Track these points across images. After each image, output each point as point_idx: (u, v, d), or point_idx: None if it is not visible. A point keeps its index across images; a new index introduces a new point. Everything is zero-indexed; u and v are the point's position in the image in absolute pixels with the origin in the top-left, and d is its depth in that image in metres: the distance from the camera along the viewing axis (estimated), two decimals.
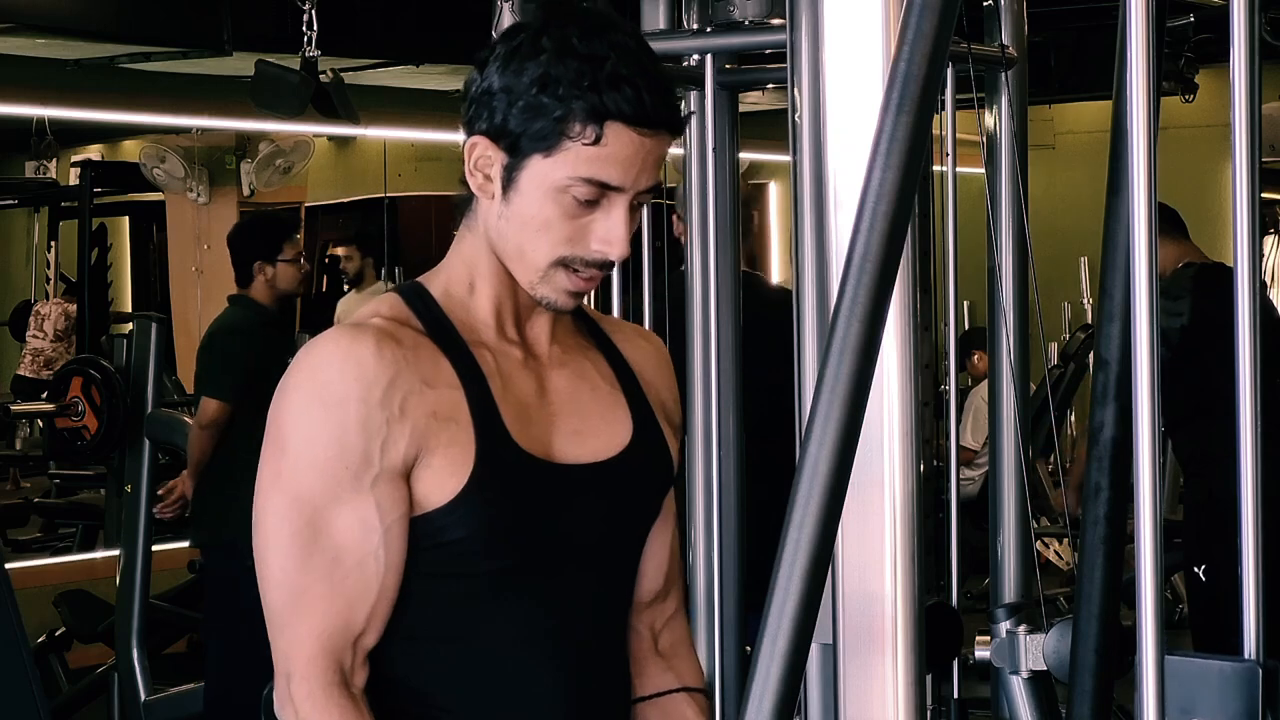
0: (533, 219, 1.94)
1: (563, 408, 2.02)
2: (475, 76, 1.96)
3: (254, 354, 5.55)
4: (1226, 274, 5.69)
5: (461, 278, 2.02)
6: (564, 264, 1.95)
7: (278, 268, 5.69)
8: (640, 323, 3.21)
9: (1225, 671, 1.49)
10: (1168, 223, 5.46)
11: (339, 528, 1.90)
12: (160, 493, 5.92)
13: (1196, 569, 5.18)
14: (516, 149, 1.93)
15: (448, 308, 2.00)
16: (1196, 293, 5.28)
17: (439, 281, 2.03)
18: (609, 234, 1.93)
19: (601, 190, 1.92)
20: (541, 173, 1.92)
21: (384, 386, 1.90)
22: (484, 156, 1.95)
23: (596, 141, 1.90)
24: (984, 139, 3.16)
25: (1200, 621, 5.26)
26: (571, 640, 2.01)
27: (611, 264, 1.97)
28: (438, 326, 1.99)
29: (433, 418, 1.92)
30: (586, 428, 2.03)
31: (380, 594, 1.92)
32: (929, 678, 2.06)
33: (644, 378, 2.11)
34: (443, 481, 1.92)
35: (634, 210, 1.95)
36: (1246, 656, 1.51)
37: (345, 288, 11.05)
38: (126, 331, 6.34)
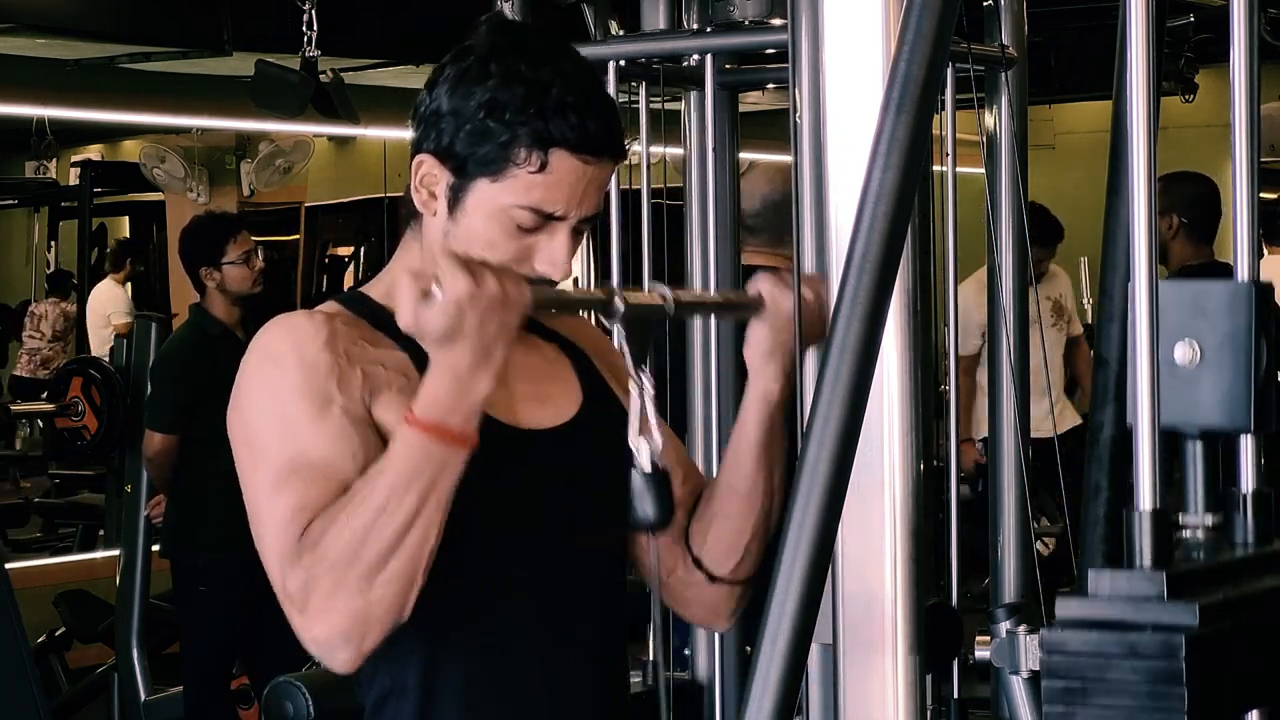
0: (477, 239, 1.97)
1: (517, 376, 2.04)
2: (424, 96, 2.02)
3: (202, 374, 5.48)
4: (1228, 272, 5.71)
5: None
6: None
7: (224, 271, 5.54)
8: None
9: (1218, 290, 1.50)
10: (1198, 222, 5.39)
11: (312, 449, 1.90)
12: (147, 512, 5.93)
13: None
14: (463, 171, 1.97)
15: (389, 305, 2.02)
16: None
17: (380, 287, 2.08)
18: (552, 257, 1.98)
19: (545, 217, 1.95)
20: (487, 196, 1.96)
21: (324, 337, 1.94)
22: (430, 174, 1.99)
23: (542, 169, 1.94)
24: (984, 139, 3.15)
25: None
26: (562, 601, 2.03)
27: (555, 284, 2.01)
28: (377, 315, 2.02)
29: (381, 366, 1.96)
30: (543, 392, 2.08)
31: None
32: (929, 678, 2.06)
33: (587, 347, 2.16)
34: None
35: (576, 234, 1.99)
36: (1239, 279, 1.53)
37: (346, 288, 11.06)
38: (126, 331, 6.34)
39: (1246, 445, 1.52)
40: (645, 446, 1.89)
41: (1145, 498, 1.37)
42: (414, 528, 1.83)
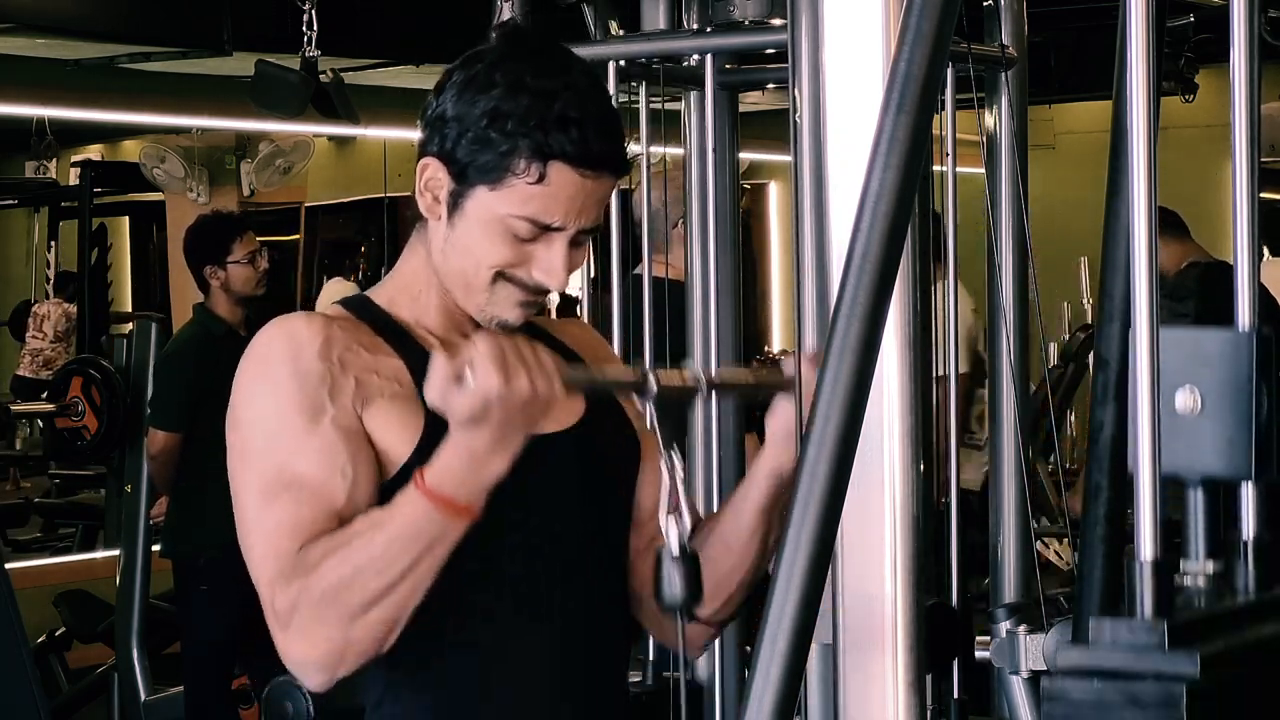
0: (474, 246, 1.99)
1: None
2: (432, 100, 2.02)
3: (206, 373, 5.48)
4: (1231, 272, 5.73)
5: (410, 288, 2.07)
6: (506, 277, 1.99)
7: (229, 270, 5.54)
8: (608, 324, 3.24)
9: (1219, 338, 1.50)
10: (1169, 223, 5.49)
11: (302, 464, 1.92)
12: (153, 513, 5.94)
13: None
14: (464, 177, 1.97)
15: (393, 312, 2.04)
16: (1201, 293, 5.31)
17: (385, 293, 2.09)
18: (549, 265, 1.98)
19: (542, 228, 1.95)
20: (486, 204, 1.96)
21: (319, 344, 1.94)
22: (434, 178, 2.01)
23: (540, 180, 1.94)
24: (984, 139, 3.15)
25: None
26: (556, 604, 2.03)
27: (549, 291, 2.01)
28: (379, 321, 2.03)
29: (375, 374, 1.96)
30: None
31: (349, 501, 1.91)
32: (929, 678, 2.06)
33: (586, 355, 2.16)
34: (397, 437, 1.94)
35: (576, 245, 1.99)
36: (1240, 327, 1.53)
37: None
38: (126, 331, 6.34)
39: (1247, 493, 1.52)
40: (674, 528, 1.85)
41: (1146, 547, 1.37)
42: (403, 583, 1.86)
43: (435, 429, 1.91)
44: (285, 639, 1.89)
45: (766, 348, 11.89)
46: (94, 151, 11.43)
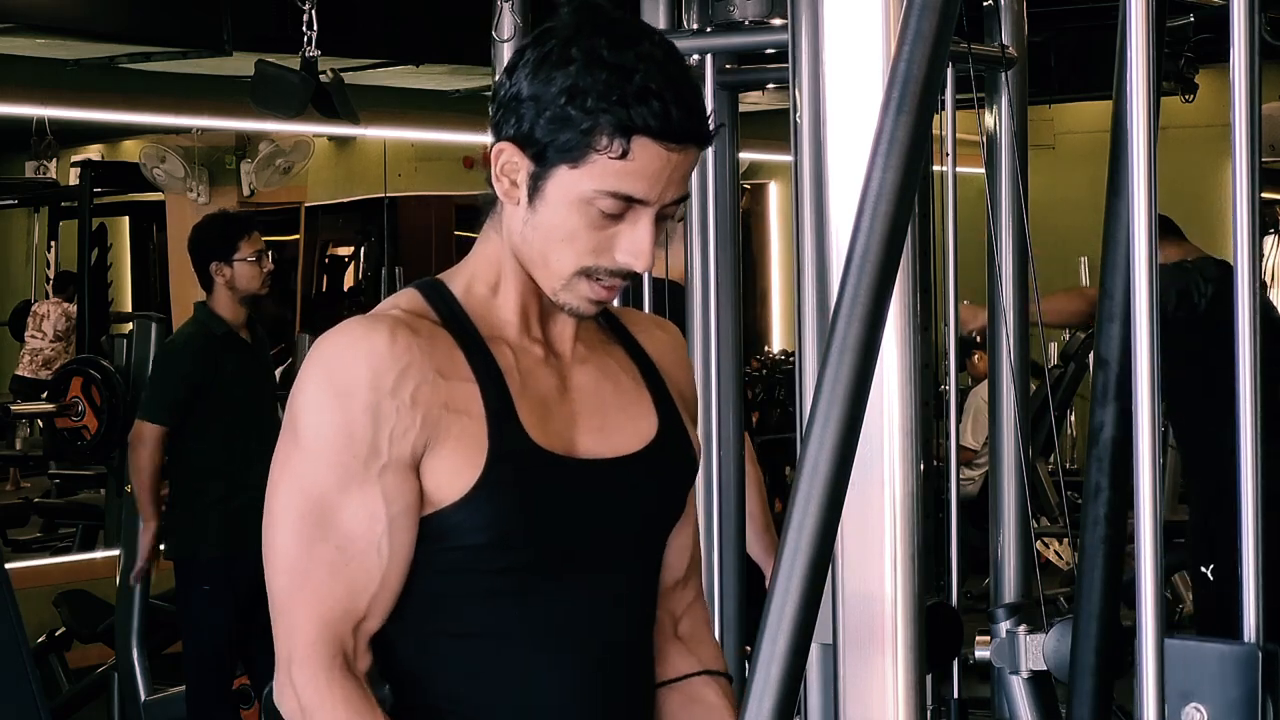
0: (558, 228, 1.93)
1: (585, 404, 2.02)
2: (505, 80, 1.95)
3: (203, 372, 5.48)
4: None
5: (485, 277, 2.02)
6: (587, 273, 1.95)
7: (235, 268, 5.53)
8: None
9: (1224, 654, 1.48)
10: (1165, 227, 5.52)
11: (344, 516, 1.90)
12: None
13: (1204, 568, 5.20)
14: (543, 158, 1.92)
15: (468, 305, 2.00)
16: (1223, 280, 5.36)
17: (461, 279, 2.03)
18: (634, 246, 1.93)
19: (627, 203, 1.91)
20: (568, 183, 1.91)
21: (396, 374, 1.90)
22: (510, 162, 1.94)
23: (623, 156, 1.88)
24: (984, 139, 3.16)
25: (1207, 620, 5.28)
26: (597, 637, 2.00)
27: (636, 274, 1.97)
28: (456, 322, 1.99)
29: (445, 409, 1.92)
30: (610, 424, 2.03)
31: (383, 583, 1.92)
32: (929, 678, 2.06)
33: (664, 370, 2.12)
34: (455, 475, 1.92)
35: (660, 221, 1.94)
36: (1246, 640, 1.51)
37: (346, 288, 11.07)
38: (126, 331, 6.34)
39: None
40: None
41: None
42: None
43: (493, 472, 1.90)
44: (286, 690, 1.92)
45: (766, 347, 11.90)
46: (94, 151, 11.44)
